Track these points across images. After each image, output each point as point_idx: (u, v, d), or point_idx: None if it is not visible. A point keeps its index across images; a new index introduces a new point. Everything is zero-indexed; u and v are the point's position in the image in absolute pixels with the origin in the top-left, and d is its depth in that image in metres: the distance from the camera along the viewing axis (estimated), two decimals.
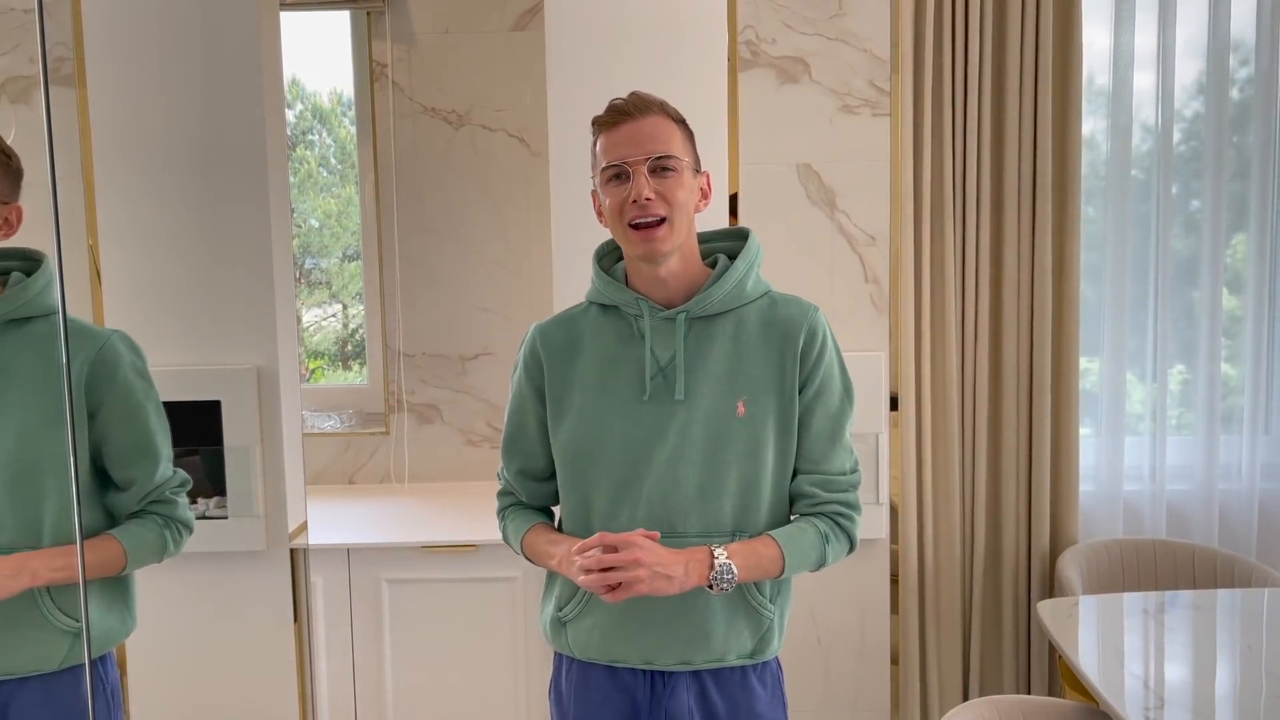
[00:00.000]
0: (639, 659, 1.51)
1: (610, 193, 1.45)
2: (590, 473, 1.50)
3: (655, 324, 1.49)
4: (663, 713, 1.52)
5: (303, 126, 3.23)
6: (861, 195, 2.51)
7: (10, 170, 1.53)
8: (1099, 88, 2.74)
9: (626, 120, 1.44)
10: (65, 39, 2.32)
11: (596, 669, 1.55)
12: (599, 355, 1.52)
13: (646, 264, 1.47)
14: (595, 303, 1.57)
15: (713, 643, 1.49)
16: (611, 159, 1.44)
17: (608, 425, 1.49)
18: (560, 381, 1.53)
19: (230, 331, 2.27)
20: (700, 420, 1.46)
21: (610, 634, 1.50)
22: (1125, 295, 2.74)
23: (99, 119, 2.24)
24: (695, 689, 1.51)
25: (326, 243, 3.28)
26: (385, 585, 2.47)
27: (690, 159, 1.48)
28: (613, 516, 1.48)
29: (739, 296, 1.50)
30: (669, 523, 1.47)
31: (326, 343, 3.35)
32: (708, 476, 1.46)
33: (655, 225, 1.42)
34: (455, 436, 3.03)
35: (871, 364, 2.47)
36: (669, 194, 1.42)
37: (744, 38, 2.47)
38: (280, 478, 2.30)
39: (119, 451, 1.57)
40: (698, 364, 1.48)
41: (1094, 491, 2.78)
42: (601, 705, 1.54)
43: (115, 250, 2.26)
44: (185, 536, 1.65)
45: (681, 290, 1.50)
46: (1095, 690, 1.79)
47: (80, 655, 1.54)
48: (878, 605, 2.58)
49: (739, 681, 1.53)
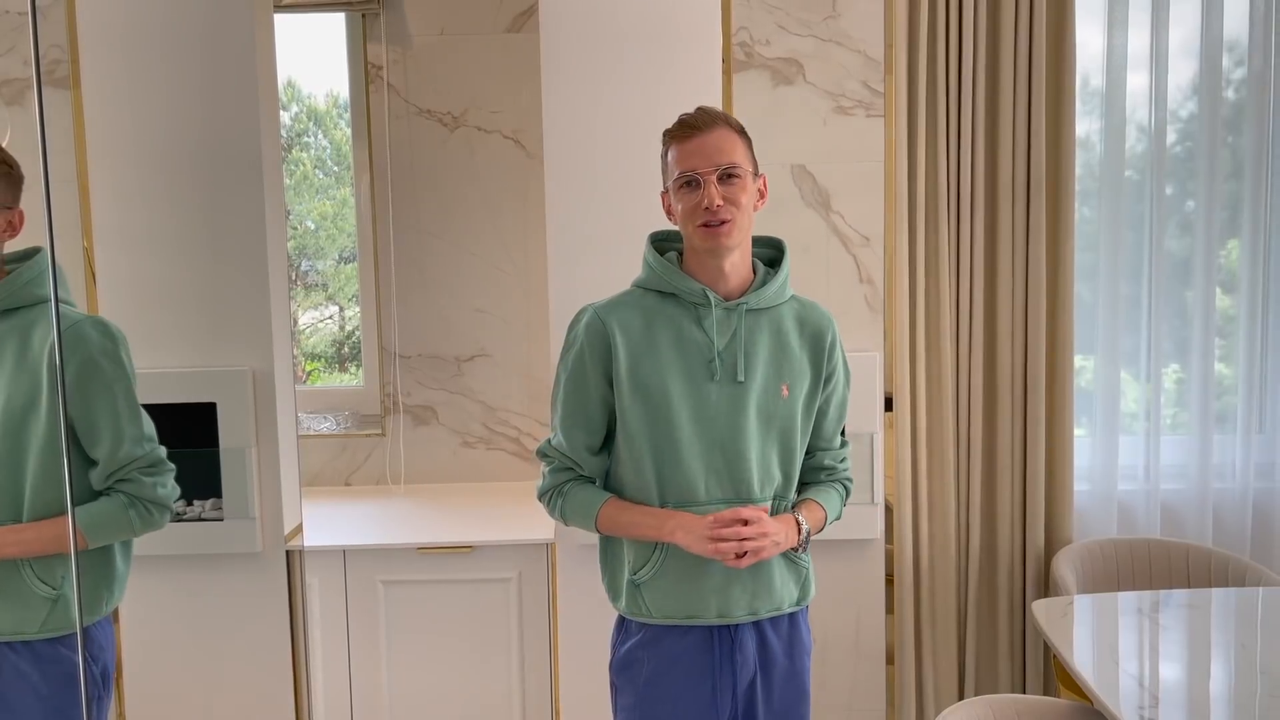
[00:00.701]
0: (715, 614, 1.68)
1: (683, 199, 1.64)
2: (663, 447, 1.66)
3: (717, 313, 1.67)
4: (732, 664, 1.70)
5: (298, 129, 3.23)
6: (856, 196, 2.52)
7: (12, 178, 1.63)
8: (1093, 88, 2.75)
9: (696, 134, 1.63)
10: (60, 41, 2.32)
11: (669, 632, 1.70)
12: (667, 337, 1.67)
13: (712, 258, 1.65)
14: (650, 289, 1.72)
15: (774, 593, 1.71)
16: (684, 169, 1.63)
17: (678, 403, 1.65)
18: (632, 360, 1.66)
19: (225, 334, 2.27)
20: (756, 400, 1.67)
21: (689, 593, 1.67)
22: (1120, 295, 2.74)
23: (94, 121, 2.24)
24: (756, 638, 1.72)
25: (323, 245, 3.28)
26: (381, 587, 2.47)
27: (751, 166, 1.66)
28: (687, 488, 1.66)
29: (780, 295, 1.72)
30: (737, 489, 1.67)
31: (323, 345, 3.35)
32: (763, 449, 1.68)
33: (720, 225, 1.61)
34: (451, 438, 3.03)
35: (866, 364, 2.48)
36: (734, 199, 1.62)
37: (738, 39, 2.48)
38: (276, 479, 2.29)
39: (84, 430, 1.66)
40: (751, 350, 1.68)
41: (1089, 491, 2.78)
42: (674, 665, 1.70)
43: (110, 252, 2.26)
44: (159, 515, 1.71)
45: (738, 282, 1.69)
46: (1090, 689, 1.80)
47: (61, 623, 1.65)
48: (873, 605, 2.58)
49: (789, 624, 1.75)
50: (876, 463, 2.50)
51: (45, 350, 1.61)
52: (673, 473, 1.66)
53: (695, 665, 1.70)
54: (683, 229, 1.67)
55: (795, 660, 1.75)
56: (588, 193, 2.31)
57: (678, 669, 1.70)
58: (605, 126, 2.30)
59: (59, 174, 2.29)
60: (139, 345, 1.68)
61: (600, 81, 2.29)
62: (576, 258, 2.31)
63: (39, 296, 1.65)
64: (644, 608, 1.70)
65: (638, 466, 1.68)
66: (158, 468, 1.72)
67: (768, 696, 1.72)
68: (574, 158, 2.30)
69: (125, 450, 1.67)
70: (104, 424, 1.66)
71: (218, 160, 2.24)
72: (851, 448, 1.88)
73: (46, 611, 1.63)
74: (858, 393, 2.47)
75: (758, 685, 1.72)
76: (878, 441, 2.50)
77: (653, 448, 1.66)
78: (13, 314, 1.64)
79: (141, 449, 1.69)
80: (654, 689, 1.70)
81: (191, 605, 2.32)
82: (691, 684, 1.70)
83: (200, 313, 2.27)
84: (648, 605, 1.70)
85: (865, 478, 2.49)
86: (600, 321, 1.69)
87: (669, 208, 1.69)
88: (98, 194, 2.25)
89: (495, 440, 3.02)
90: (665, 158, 1.68)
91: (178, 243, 2.26)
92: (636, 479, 1.69)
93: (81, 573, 1.68)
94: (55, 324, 1.01)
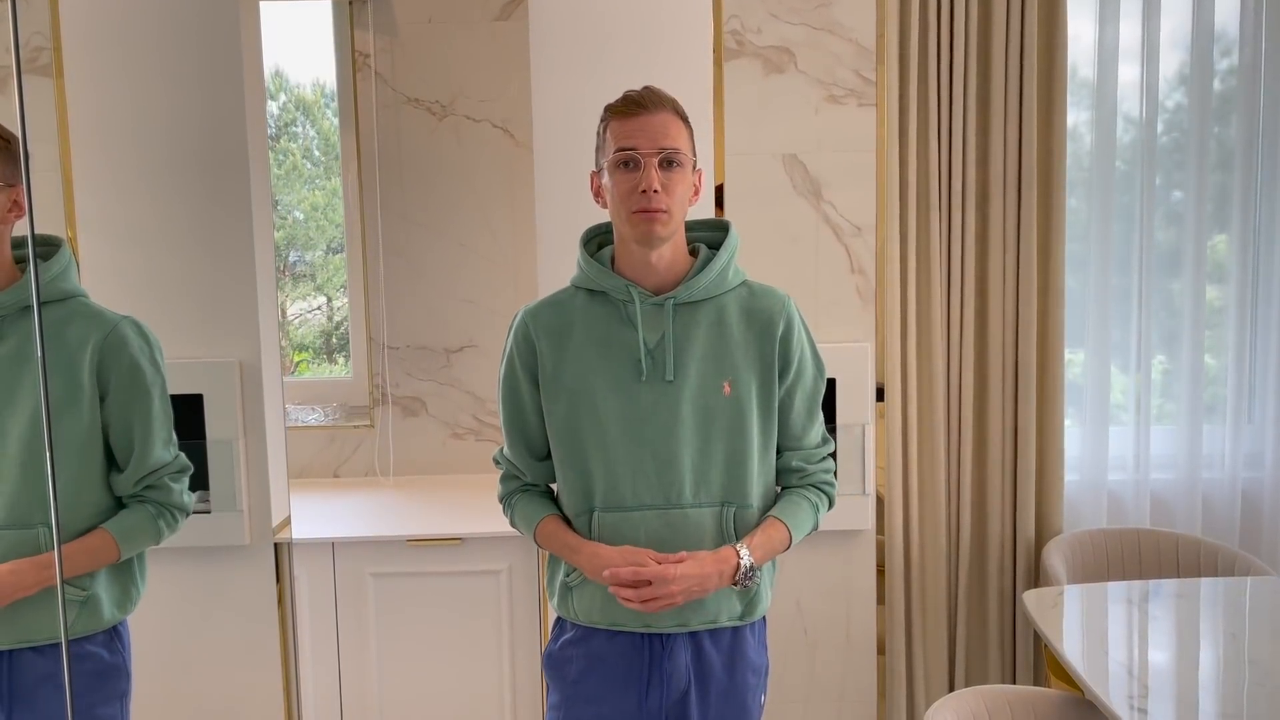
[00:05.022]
0: (639, 623, 1.59)
1: (618, 179, 1.52)
2: (588, 451, 1.58)
3: (644, 309, 1.57)
4: (661, 672, 1.61)
5: (286, 119, 3.20)
6: (847, 186, 2.51)
7: (10, 154, 1.57)
8: (1083, 79, 2.74)
9: (641, 112, 1.52)
10: (43, 29, 2.29)
11: (598, 633, 1.62)
12: (591, 338, 1.58)
13: (641, 248, 1.55)
14: (582, 287, 1.63)
15: (705, 605, 1.59)
16: (623, 146, 1.51)
17: (603, 404, 1.56)
18: (554, 363, 1.59)
19: (212, 325, 2.25)
20: (690, 400, 1.56)
21: (612, 600, 1.56)
22: (1109, 286, 2.75)
23: (78, 110, 2.21)
24: (691, 648, 1.61)
25: (312, 235, 3.26)
26: (370, 579, 2.45)
27: (692, 156, 1.57)
28: (613, 492, 1.57)
29: (720, 285, 1.59)
30: (665, 495, 1.57)
31: (311, 336, 3.32)
32: (699, 452, 1.57)
33: (657, 213, 1.50)
34: (440, 429, 3.02)
35: (857, 355, 2.47)
36: (672, 187, 1.51)
37: (729, 27, 2.47)
38: (264, 471, 2.28)
39: (119, 433, 1.62)
40: (684, 347, 1.57)
41: (1078, 481, 2.79)
42: (600, 666, 1.62)
43: (95, 242, 2.24)
44: (180, 521, 1.70)
45: (668, 277, 1.58)
46: (1080, 679, 1.80)
47: (89, 624, 1.62)
48: (864, 596, 2.59)
49: (731, 637, 1.63)
50: (867, 454, 2.50)
51: (86, 349, 1.58)
52: (600, 478, 1.57)
53: (621, 670, 1.62)
54: (613, 214, 1.56)
55: (736, 677, 1.63)
56: (578, 183, 2.28)
57: (604, 671, 1.62)
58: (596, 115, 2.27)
59: (42, 163, 2.26)
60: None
61: (590, 70, 2.27)
62: (566, 248, 2.29)
63: (66, 292, 1.62)
64: (573, 610, 1.64)
65: (566, 472, 1.61)
66: (185, 473, 1.70)
67: (703, 712, 1.62)
68: (564, 147, 2.28)
69: (157, 455, 1.64)
70: (139, 428, 1.63)
71: (204, 150, 2.22)
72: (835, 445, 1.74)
73: (75, 614, 1.60)
74: (849, 383, 2.48)
75: (691, 699, 1.61)
76: (868, 432, 2.50)
77: (578, 452, 1.58)
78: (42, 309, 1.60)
79: (169, 454, 1.67)
80: (580, 689, 1.63)
81: (179, 598, 2.30)
82: (616, 688, 1.62)
83: (186, 304, 2.25)
84: (575, 608, 1.63)
85: (856, 468, 2.49)
86: (525, 325, 1.62)
87: (598, 189, 1.59)
88: (81, 183, 2.23)
89: (485, 431, 3.01)
90: (602, 134, 1.57)
91: (163, 233, 2.23)
92: (567, 484, 1.62)
93: (111, 569, 1.65)
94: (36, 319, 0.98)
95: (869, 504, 2.52)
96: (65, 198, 2.24)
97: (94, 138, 2.22)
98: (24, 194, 1.57)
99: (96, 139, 2.22)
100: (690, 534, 1.57)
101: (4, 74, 2.64)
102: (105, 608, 1.63)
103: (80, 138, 2.22)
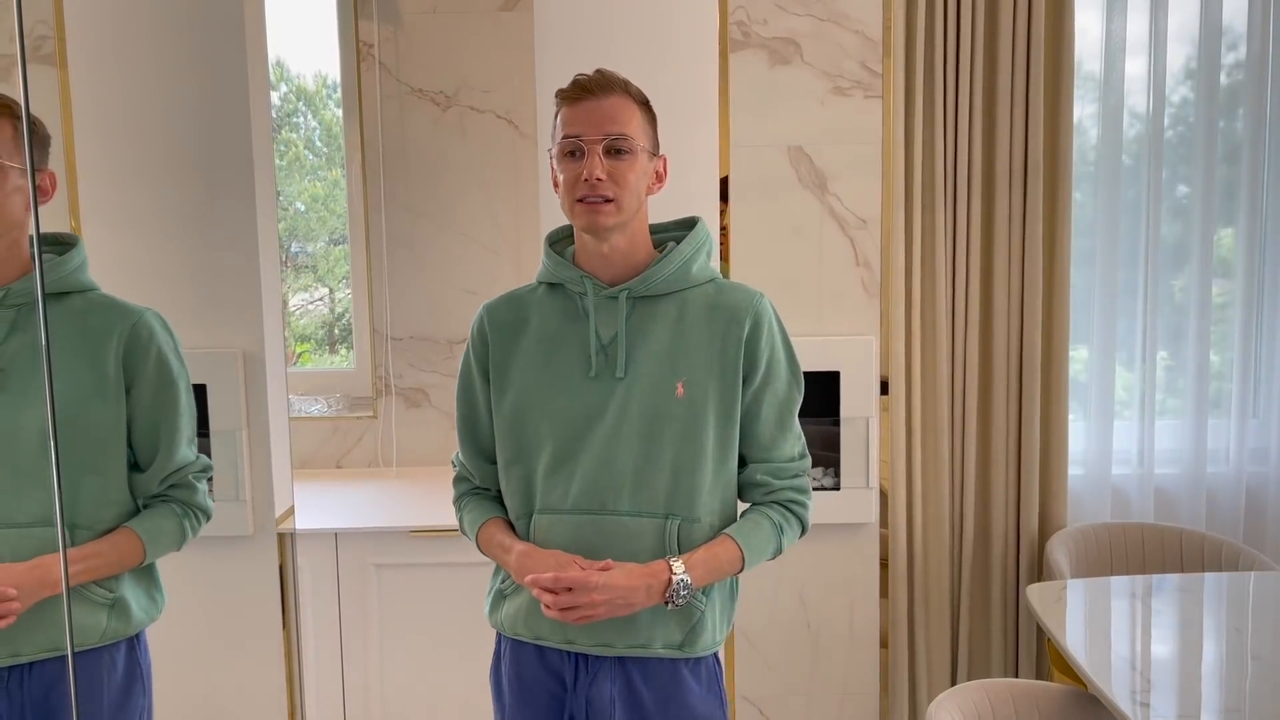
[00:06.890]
0: (560, 638, 1.49)
1: (565, 167, 1.46)
2: (528, 448, 1.50)
3: (599, 302, 1.49)
4: (584, 699, 1.49)
5: (288, 109, 3.19)
6: (853, 178, 2.50)
7: (38, 137, 1.52)
8: (1089, 73, 2.73)
9: (588, 97, 1.45)
10: (47, 17, 2.28)
11: (527, 649, 1.53)
12: (543, 332, 1.52)
13: (591, 238, 1.48)
14: (543, 282, 1.57)
15: (636, 628, 1.46)
16: (568, 134, 1.45)
17: (547, 401, 1.48)
18: (503, 358, 1.53)
19: (215, 315, 2.25)
20: (638, 399, 1.46)
21: (534, 610, 1.48)
22: (1115, 280, 2.74)
23: (82, 99, 2.21)
24: (621, 679, 1.48)
25: (313, 227, 3.25)
26: (373, 569, 2.45)
27: (647, 142, 1.48)
28: (548, 492, 1.48)
29: (683, 279, 1.50)
30: (601, 500, 1.46)
31: (313, 327, 3.32)
32: (643, 455, 1.46)
33: (602, 202, 1.43)
34: (443, 420, 3.01)
35: (862, 348, 2.47)
36: (620, 176, 1.43)
37: (735, 18, 2.45)
38: (267, 462, 2.27)
39: (144, 429, 1.56)
40: (639, 343, 1.48)
41: (1083, 475, 2.79)
42: (531, 685, 1.53)
43: (98, 232, 2.23)
44: (203, 523, 1.64)
45: (627, 270, 1.50)
46: (1084, 673, 1.80)
47: (119, 630, 1.55)
48: (867, 589, 2.58)
49: (669, 674, 1.48)
50: (871, 447, 2.49)
51: (112, 338, 1.52)
52: (540, 478, 1.49)
53: (545, 691, 1.52)
54: (562, 203, 1.48)
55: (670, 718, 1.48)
56: None
57: (531, 691, 1.53)
58: None
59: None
60: None
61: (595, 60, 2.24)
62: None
63: (85, 284, 1.57)
64: (500, 620, 1.55)
65: (505, 471, 1.53)
66: (206, 473, 1.64)
67: None
68: None
69: (182, 453, 1.59)
70: (165, 425, 1.56)
71: (207, 140, 2.21)
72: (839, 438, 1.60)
73: (104, 617, 1.53)
74: (853, 376, 2.48)
75: None
76: (873, 426, 2.49)
77: (521, 450, 1.50)
78: (60, 300, 1.54)
79: (193, 453, 1.62)
80: (512, 711, 1.55)
81: (182, 589, 2.29)
82: (541, 712, 1.52)
83: (190, 294, 2.24)
84: (503, 618, 1.54)
85: (860, 462, 2.49)
86: (481, 320, 1.56)
87: (555, 179, 1.50)
88: (85, 173, 2.22)
89: None
90: (553, 121, 1.49)
91: (166, 223, 2.23)
92: (509, 485, 1.54)
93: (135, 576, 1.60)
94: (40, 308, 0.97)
95: (873, 497, 2.52)
96: (68, 187, 2.24)
97: (97, 127, 2.21)
98: (50, 178, 1.52)
99: (100, 129, 2.21)
100: (623, 544, 1.45)
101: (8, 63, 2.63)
102: (134, 611, 1.57)
103: (84, 127, 2.21)
